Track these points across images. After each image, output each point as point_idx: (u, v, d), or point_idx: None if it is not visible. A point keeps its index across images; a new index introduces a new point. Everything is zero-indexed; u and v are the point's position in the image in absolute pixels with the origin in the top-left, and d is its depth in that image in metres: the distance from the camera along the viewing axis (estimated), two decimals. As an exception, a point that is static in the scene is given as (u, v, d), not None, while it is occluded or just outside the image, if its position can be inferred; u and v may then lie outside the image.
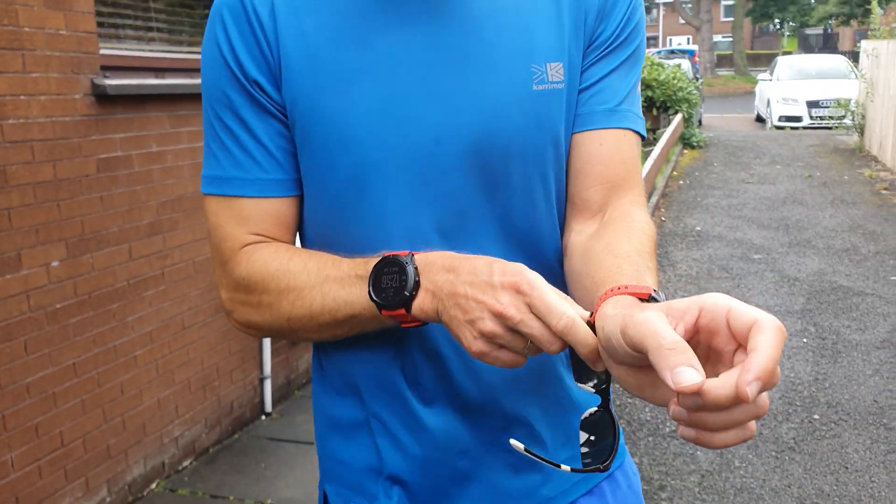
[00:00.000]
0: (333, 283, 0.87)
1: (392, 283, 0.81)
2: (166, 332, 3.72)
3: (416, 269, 0.80)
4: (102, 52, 3.62)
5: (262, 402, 4.13)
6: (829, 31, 44.05)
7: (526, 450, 0.76)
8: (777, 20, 41.41)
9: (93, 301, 3.35)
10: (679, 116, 11.98)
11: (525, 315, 0.71)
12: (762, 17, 40.52)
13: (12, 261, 3.02)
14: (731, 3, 44.77)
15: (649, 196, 7.96)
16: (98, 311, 3.38)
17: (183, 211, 4.00)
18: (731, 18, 41.74)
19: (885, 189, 8.63)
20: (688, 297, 0.62)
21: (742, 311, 0.57)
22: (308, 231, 1.00)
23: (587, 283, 0.83)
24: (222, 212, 0.95)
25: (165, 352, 3.66)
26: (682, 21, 39.28)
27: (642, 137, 1.00)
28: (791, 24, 41.92)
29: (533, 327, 0.71)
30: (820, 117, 15.09)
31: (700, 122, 17.04)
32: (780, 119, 15.80)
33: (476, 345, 0.74)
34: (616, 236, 0.86)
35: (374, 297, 0.82)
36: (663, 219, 7.57)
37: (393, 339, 0.94)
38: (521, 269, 0.74)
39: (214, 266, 0.99)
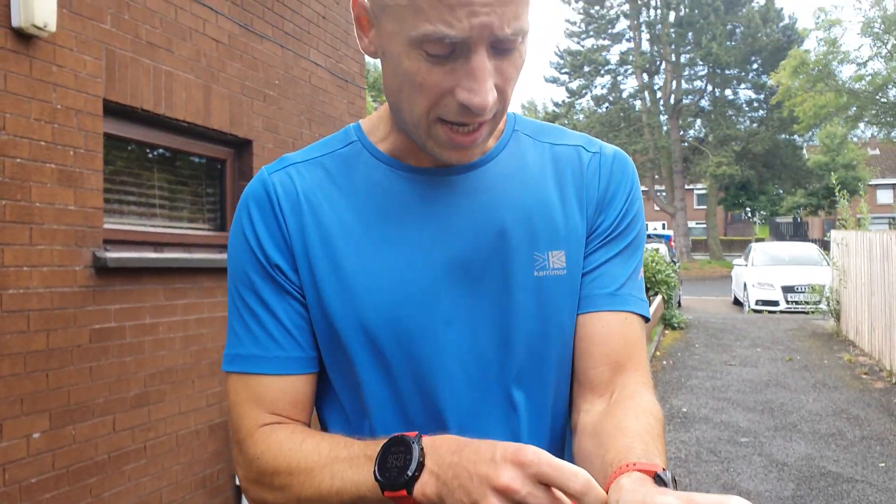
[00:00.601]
0: (343, 463, 0.88)
1: (396, 462, 0.81)
2: (144, 510, 3.59)
3: (421, 449, 0.81)
4: (106, 226, 3.76)
5: (236, 588, 3.93)
6: (799, 219, 46.02)
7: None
8: (748, 209, 43.31)
9: (70, 475, 3.26)
10: (659, 298, 12.25)
11: (530, 487, 0.70)
12: (734, 205, 42.41)
13: (-4, 431, 2.97)
14: (703, 192, 46.97)
15: (633, 376, 7.97)
16: (75, 486, 3.28)
17: (171, 383, 3.98)
18: (705, 206, 43.63)
19: (865, 374, 8.71)
20: (711, 494, 0.65)
21: None
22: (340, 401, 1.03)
23: (598, 463, 0.84)
24: (241, 390, 0.99)
25: (141, 531, 3.53)
26: (658, 208, 40.99)
27: (646, 319, 1.05)
28: (762, 212, 43.81)
29: (539, 497, 0.70)
30: (796, 302, 15.46)
31: (679, 303, 17.38)
32: (757, 303, 16.16)
33: None
34: (625, 417, 0.89)
35: (378, 476, 0.82)
36: (648, 399, 7.55)
37: None
38: (523, 444, 0.74)
39: (232, 443, 1.02)
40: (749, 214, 45.62)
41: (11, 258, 3.14)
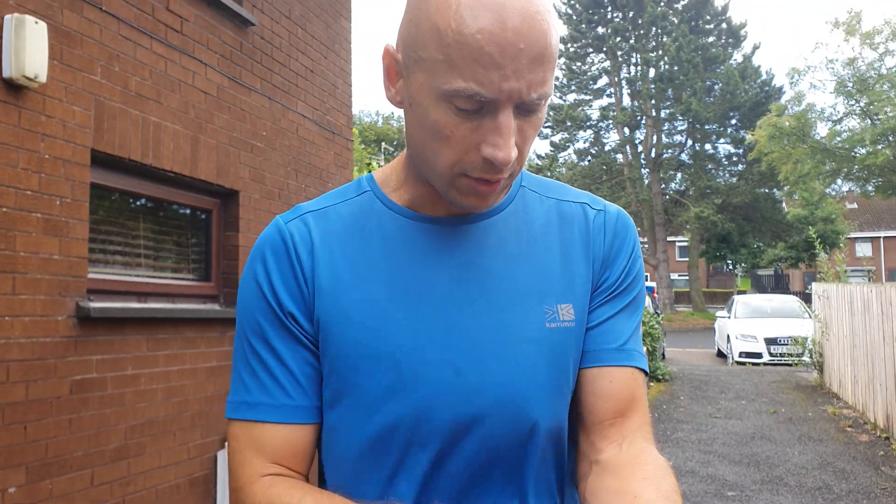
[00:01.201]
0: None
1: None
2: (120, 567, 3.50)
3: None
4: (90, 275, 3.73)
5: None
6: (780, 272, 46.43)
7: None
8: (730, 261, 43.70)
9: (47, 531, 3.18)
10: (644, 349, 12.25)
11: None
12: (715, 258, 42.76)
13: (-29, 486, 2.91)
14: (685, 244, 47.39)
15: (619, 429, 7.93)
16: (51, 543, 3.20)
17: (151, 435, 3.92)
18: (687, 258, 43.99)
19: (850, 427, 8.70)
20: None
21: None
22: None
23: None
24: (243, 436, 0.98)
25: (117, 589, 3.43)
26: (641, 259, 41.20)
27: (647, 374, 1.08)
28: (743, 265, 44.20)
29: None
30: (779, 354, 15.51)
31: (664, 355, 17.38)
32: (740, 355, 16.19)
33: None
34: (645, 488, 0.89)
35: None
36: (634, 453, 7.50)
37: None
38: None
39: (230, 490, 1.00)
40: (731, 267, 46.01)
41: (-7, 308, 3.11)
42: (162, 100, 4.23)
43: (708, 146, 38.95)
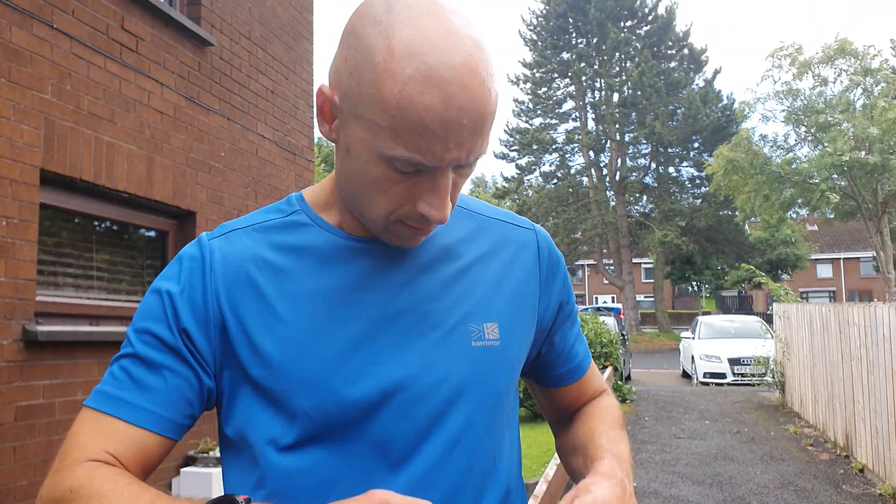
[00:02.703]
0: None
1: None
2: None
3: (248, 499, 0.81)
4: (39, 298, 3.64)
5: None
6: (744, 293, 47.11)
7: None
8: (694, 282, 44.21)
9: (-13, 564, 3.06)
10: (609, 370, 12.30)
11: None
12: (680, 279, 43.27)
13: None
14: (650, 266, 47.91)
15: (583, 450, 7.91)
16: (-9, 576, 3.08)
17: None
18: (652, 280, 44.42)
19: (811, 445, 8.79)
20: None
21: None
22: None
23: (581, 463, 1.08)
24: (91, 425, 0.92)
25: None
26: (606, 281, 41.58)
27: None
28: (707, 286, 44.75)
29: None
30: (742, 374, 15.66)
31: (629, 376, 17.46)
32: (705, 375, 16.32)
33: None
34: (594, 420, 1.15)
35: None
36: (598, 474, 7.49)
37: None
38: (374, 490, 0.80)
39: (50, 472, 0.92)
40: (695, 288, 46.56)
41: (-67, 331, 3.01)
42: (116, 119, 4.17)
43: (671, 169, 39.54)
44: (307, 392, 0.94)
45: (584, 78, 39.02)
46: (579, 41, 39.61)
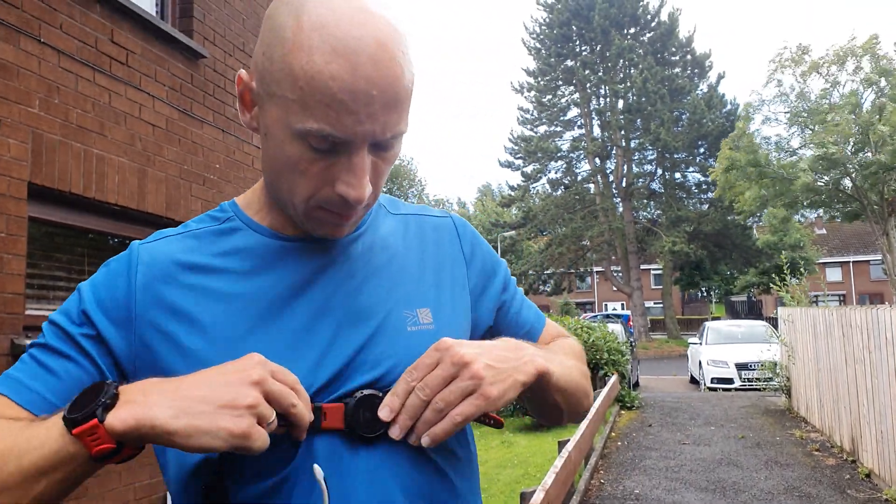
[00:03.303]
0: (29, 427, 0.82)
1: (87, 399, 0.78)
2: None
3: (117, 386, 0.80)
4: (28, 312, 3.64)
5: None
6: (753, 298, 46.84)
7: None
8: (703, 288, 44.02)
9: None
10: (615, 377, 12.24)
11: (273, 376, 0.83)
12: (689, 285, 43.07)
13: None
14: (659, 272, 47.74)
15: (588, 457, 7.87)
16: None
17: (95, 476, 3.80)
18: (661, 286, 44.26)
19: (817, 450, 8.71)
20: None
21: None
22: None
23: None
24: None
25: None
26: (615, 288, 41.46)
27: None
28: (716, 291, 44.55)
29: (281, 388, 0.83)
30: (749, 379, 15.55)
31: (637, 383, 17.37)
32: (712, 381, 16.21)
33: (242, 424, 0.77)
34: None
35: (66, 414, 0.78)
36: (602, 481, 7.44)
37: None
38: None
39: None
40: (705, 293, 46.35)
41: (-81, 346, 3.01)
42: (106, 132, 4.18)
43: (678, 175, 39.43)
44: None
45: (588, 85, 39.03)
46: (583, 49, 39.63)
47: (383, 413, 0.91)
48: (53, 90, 3.82)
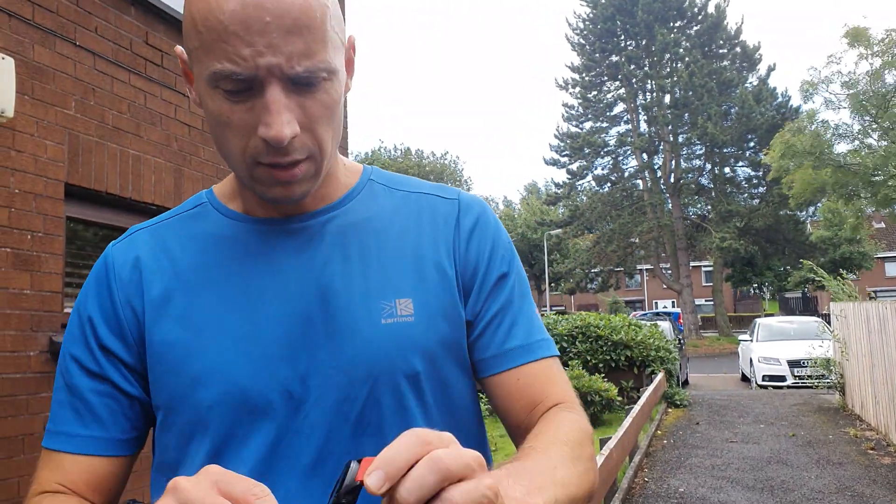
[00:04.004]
0: None
1: None
2: None
3: None
4: (67, 310, 3.71)
5: None
6: (807, 294, 45.68)
7: None
8: (756, 284, 43.08)
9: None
10: (661, 375, 12.04)
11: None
12: (741, 282, 42.19)
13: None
14: (710, 268, 46.89)
15: (632, 455, 7.75)
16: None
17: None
18: (711, 283, 43.46)
19: (871, 449, 8.44)
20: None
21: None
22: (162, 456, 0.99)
23: None
24: (45, 460, 0.98)
25: None
26: (664, 286, 40.85)
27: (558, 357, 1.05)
28: (769, 287, 43.57)
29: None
30: (801, 377, 15.17)
31: (687, 381, 17.07)
32: (764, 378, 15.86)
33: None
34: (541, 428, 0.91)
35: None
36: (646, 479, 7.31)
37: None
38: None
39: None
40: (757, 290, 45.37)
41: (-42, 343, 3.09)
42: (142, 133, 4.25)
43: (727, 169, 38.66)
44: (206, 385, 0.93)
45: (634, 80, 38.55)
46: (628, 43, 39.15)
47: None
48: (89, 92, 3.89)
